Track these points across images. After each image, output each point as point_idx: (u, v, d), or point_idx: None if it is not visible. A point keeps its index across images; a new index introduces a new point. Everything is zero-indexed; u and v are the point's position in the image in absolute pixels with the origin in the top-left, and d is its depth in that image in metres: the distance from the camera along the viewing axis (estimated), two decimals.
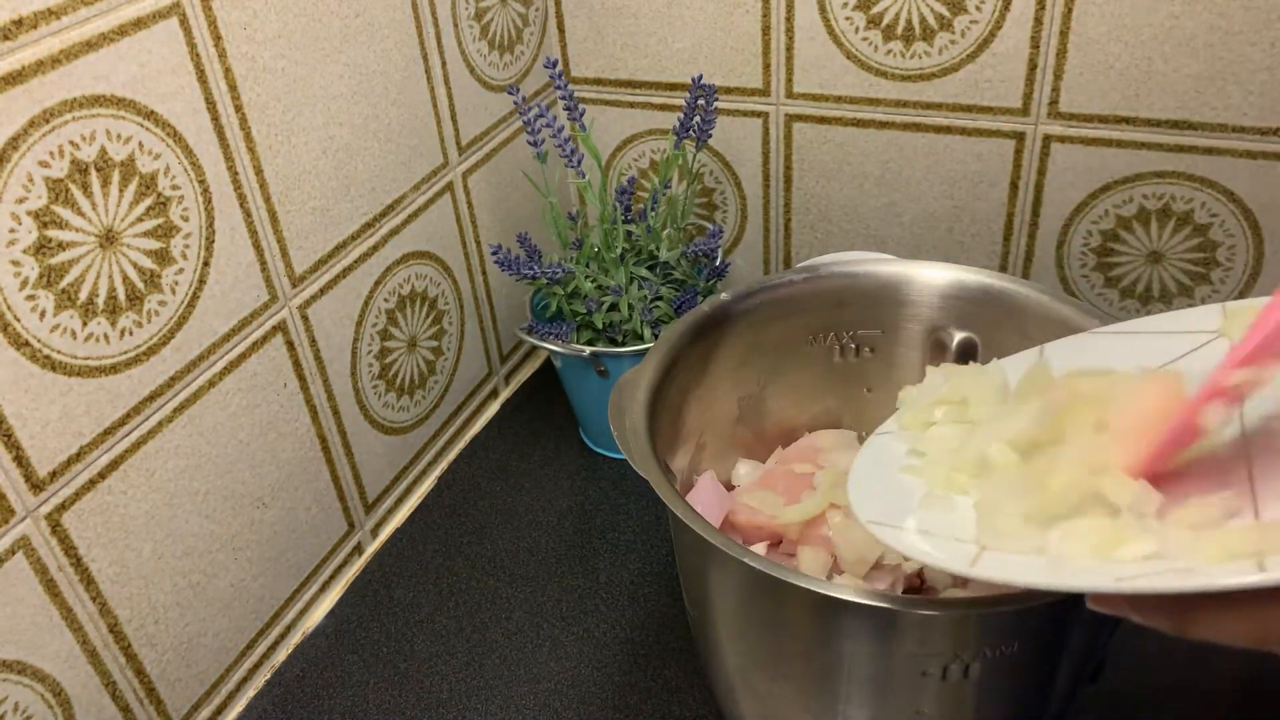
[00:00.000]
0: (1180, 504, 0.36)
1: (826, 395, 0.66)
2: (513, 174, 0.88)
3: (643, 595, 0.71)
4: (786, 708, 0.52)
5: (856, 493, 0.46)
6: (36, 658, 0.53)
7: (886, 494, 0.46)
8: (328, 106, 0.66)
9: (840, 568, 0.58)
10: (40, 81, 0.48)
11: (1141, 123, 0.75)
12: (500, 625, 0.69)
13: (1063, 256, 0.82)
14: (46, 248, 0.49)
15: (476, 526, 0.78)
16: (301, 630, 0.71)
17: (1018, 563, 0.37)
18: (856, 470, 0.48)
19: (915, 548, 0.40)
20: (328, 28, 0.65)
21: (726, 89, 0.85)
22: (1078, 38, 0.73)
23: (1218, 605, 0.33)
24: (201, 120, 0.57)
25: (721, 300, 0.61)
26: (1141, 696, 0.60)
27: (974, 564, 0.37)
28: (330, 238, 0.68)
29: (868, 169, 0.85)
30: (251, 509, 0.65)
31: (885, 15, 0.77)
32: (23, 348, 0.49)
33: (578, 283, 0.78)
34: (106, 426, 0.54)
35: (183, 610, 0.61)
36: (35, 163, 0.48)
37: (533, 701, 0.64)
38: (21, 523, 0.51)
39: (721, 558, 0.47)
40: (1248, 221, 0.76)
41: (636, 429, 0.53)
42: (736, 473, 0.65)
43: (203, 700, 0.64)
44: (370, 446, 0.76)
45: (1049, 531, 0.38)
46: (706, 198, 0.92)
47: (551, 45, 0.89)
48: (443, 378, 0.83)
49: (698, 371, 0.61)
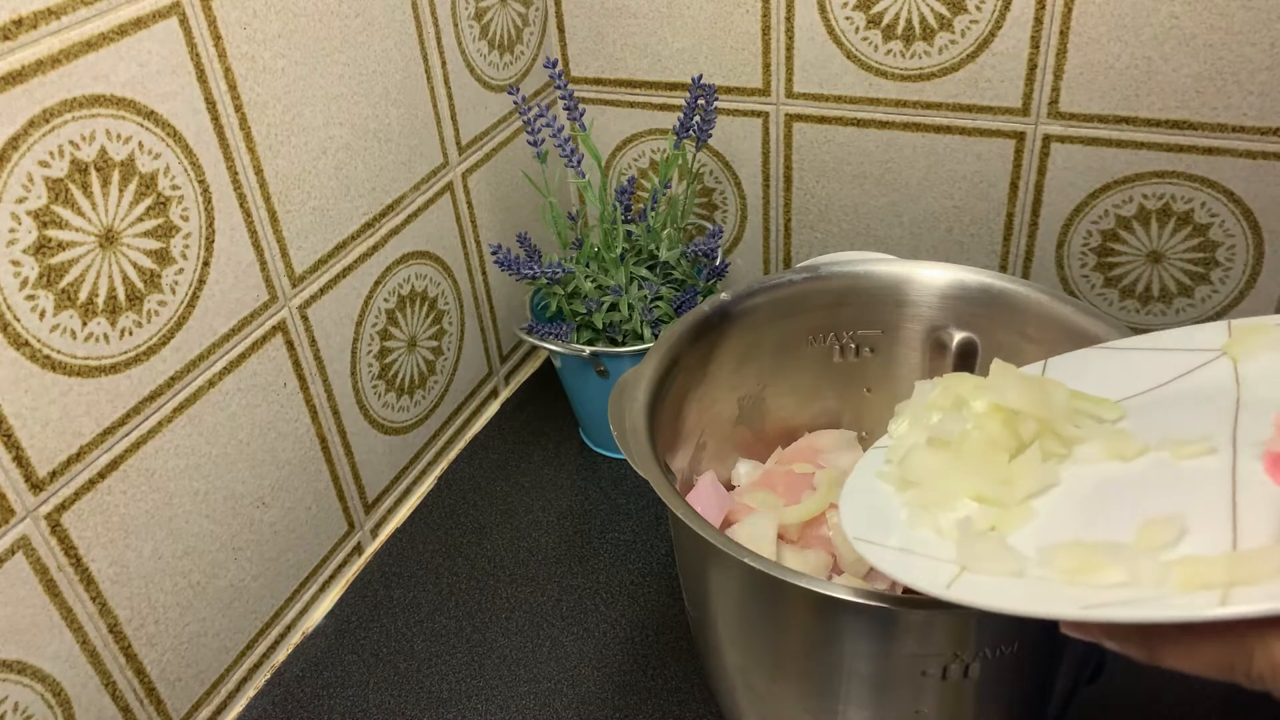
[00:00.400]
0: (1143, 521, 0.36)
1: (826, 395, 0.66)
2: (513, 174, 0.88)
3: (643, 595, 0.71)
4: (786, 708, 0.52)
5: (847, 507, 0.47)
6: (36, 658, 0.53)
7: (874, 510, 0.46)
8: (328, 106, 0.66)
9: (840, 568, 0.58)
10: (40, 81, 0.48)
11: (1141, 123, 0.75)
12: (500, 625, 0.69)
13: (1063, 256, 0.82)
14: (46, 248, 0.49)
15: (476, 526, 0.78)
16: (301, 630, 0.71)
17: (993, 586, 0.37)
18: (850, 485, 0.49)
19: (895, 566, 0.40)
20: (328, 27, 0.65)
21: (726, 89, 0.85)
22: (1078, 38, 0.73)
23: (1187, 635, 0.33)
24: (201, 120, 0.57)
25: (721, 300, 0.61)
26: (1141, 697, 0.60)
27: (950, 586, 0.37)
28: (330, 238, 0.68)
29: (868, 169, 0.85)
30: (251, 509, 0.65)
31: (885, 15, 0.77)
32: (23, 348, 0.49)
33: (578, 283, 0.78)
34: (106, 426, 0.54)
35: (183, 610, 0.61)
36: (35, 163, 0.48)
37: (533, 701, 0.64)
38: (21, 523, 0.51)
39: (721, 558, 0.47)
40: (1248, 221, 0.76)
41: (636, 429, 0.53)
42: (736, 473, 0.65)
43: (203, 700, 0.64)
44: (370, 446, 0.76)
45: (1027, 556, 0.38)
46: (706, 198, 0.92)
47: (551, 45, 0.89)
48: (443, 378, 0.83)
49: (698, 371, 0.61)
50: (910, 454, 0.46)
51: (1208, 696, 0.60)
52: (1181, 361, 0.46)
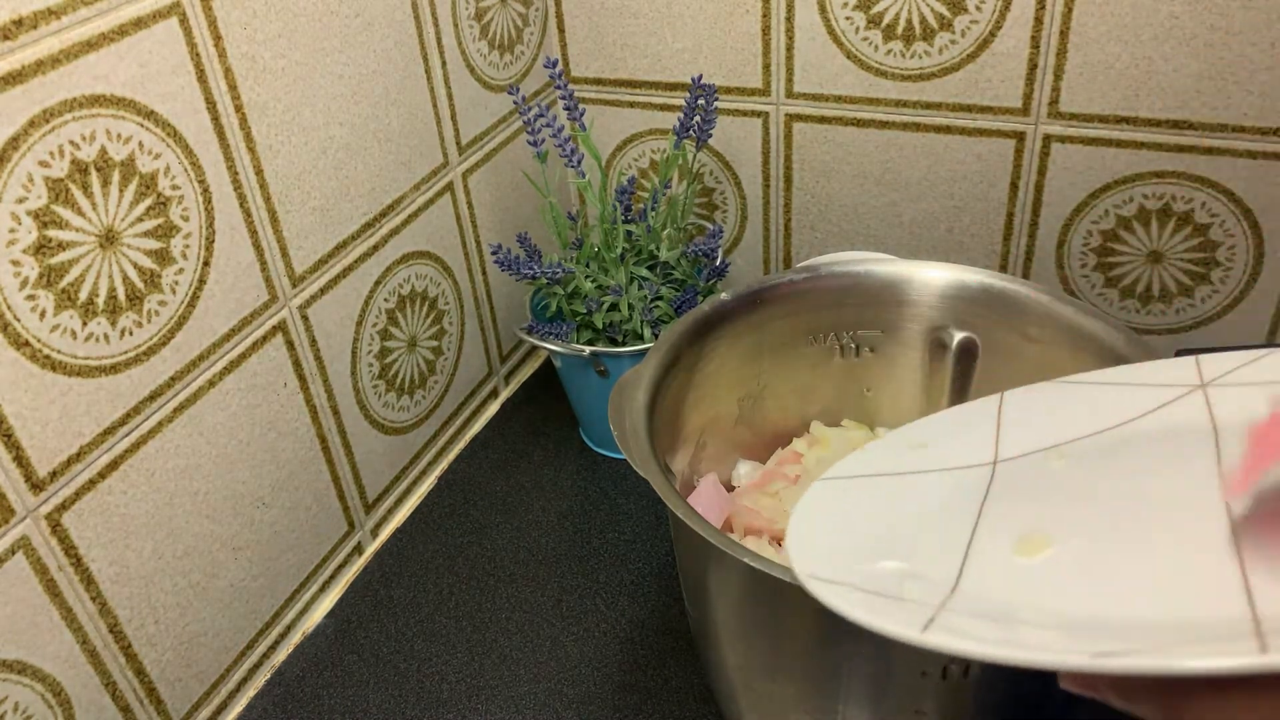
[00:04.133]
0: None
1: (826, 395, 0.66)
2: (513, 174, 0.88)
3: (643, 595, 0.71)
4: (786, 708, 0.52)
5: (797, 544, 0.43)
6: (36, 658, 0.53)
7: (836, 544, 0.43)
8: (328, 106, 0.66)
9: None
10: (40, 81, 0.48)
11: (1141, 123, 0.75)
12: (500, 625, 0.69)
13: (1063, 256, 0.82)
14: (46, 248, 0.49)
15: (476, 526, 0.78)
16: (301, 630, 0.71)
17: (979, 630, 0.33)
18: (797, 520, 0.45)
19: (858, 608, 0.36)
20: (328, 27, 0.65)
21: (726, 89, 0.85)
22: (1078, 38, 0.73)
23: (1214, 690, 0.28)
24: (201, 120, 0.57)
25: (721, 300, 0.61)
26: None
27: (926, 629, 0.33)
28: (330, 238, 0.68)
29: (868, 169, 0.85)
30: (251, 509, 0.65)
31: (885, 15, 0.77)
32: (23, 348, 0.49)
33: (578, 283, 0.78)
34: (106, 426, 0.54)
35: (183, 610, 0.61)
36: (35, 163, 0.48)
37: (533, 701, 0.64)
38: (21, 523, 0.51)
39: (722, 558, 0.47)
40: (1248, 221, 0.76)
41: (636, 429, 0.53)
42: (736, 473, 0.65)
43: (203, 700, 0.64)
44: (370, 446, 0.76)
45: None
46: (706, 198, 0.92)
47: (551, 45, 0.89)
48: (443, 378, 0.83)
49: (698, 372, 0.61)
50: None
51: None
52: (1151, 397, 0.44)
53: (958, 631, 0.33)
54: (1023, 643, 0.32)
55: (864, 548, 0.42)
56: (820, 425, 0.66)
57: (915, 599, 0.36)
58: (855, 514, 0.46)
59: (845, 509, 0.46)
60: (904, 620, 0.34)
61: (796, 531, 0.44)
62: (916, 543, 0.42)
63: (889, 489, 0.47)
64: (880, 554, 0.41)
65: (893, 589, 0.38)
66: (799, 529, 0.44)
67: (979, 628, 0.34)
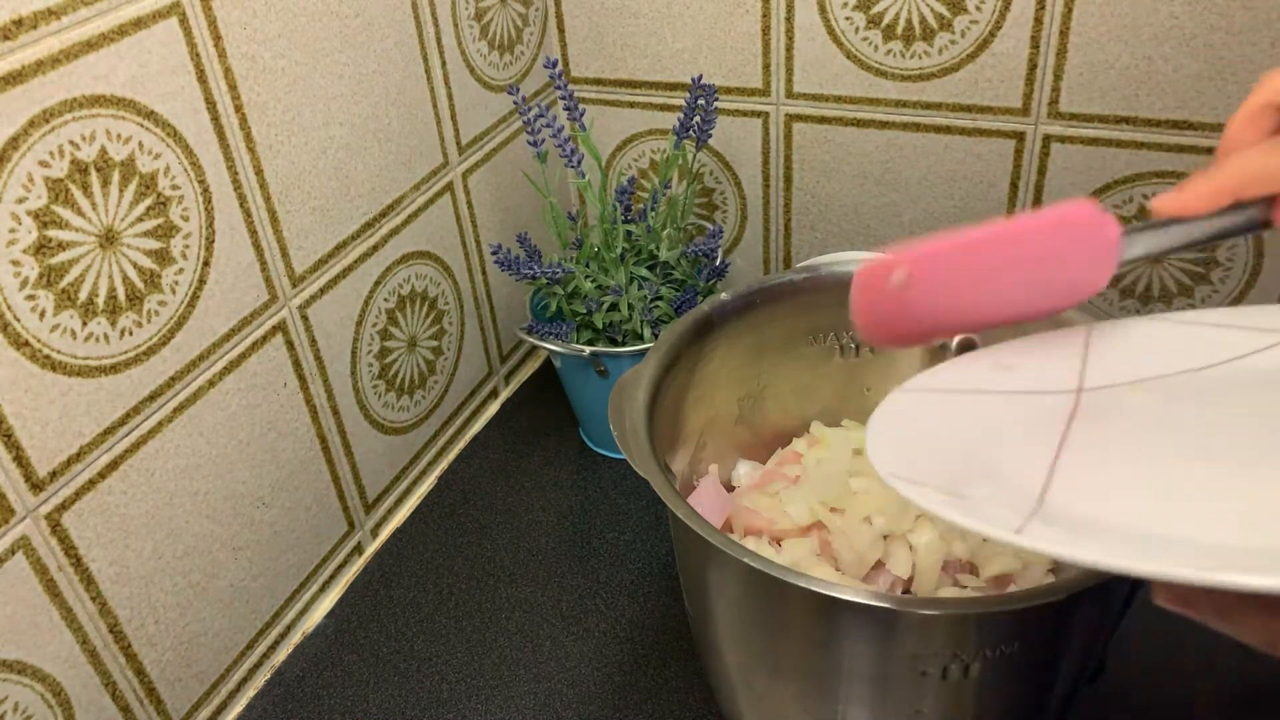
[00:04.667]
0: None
1: (826, 395, 0.66)
2: (513, 174, 0.88)
3: (643, 595, 0.71)
4: (786, 708, 0.52)
5: (875, 445, 0.42)
6: (36, 658, 0.53)
7: (916, 450, 0.42)
8: (328, 106, 0.66)
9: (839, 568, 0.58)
10: (40, 81, 0.48)
11: (1141, 123, 0.75)
12: (500, 625, 0.69)
13: None
14: (46, 248, 0.49)
15: (476, 526, 0.78)
16: (301, 630, 0.71)
17: (1072, 539, 0.32)
18: (875, 425, 0.45)
19: (945, 508, 0.35)
20: (328, 28, 0.65)
21: (726, 89, 0.85)
22: (1078, 38, 0.73)
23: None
24: (201, 120, 0.57)
25: (721, 300, 0.61)
26: (1141, 697, 0.60)
27: (1019, 533, 0.32)
28: (330, 238, 0.68)
29: (868, 169, 0.85)
30: (251, 509, 0.65)
31: (885, 15, 0.77)
32: (23, 348, 0.49)
33: (578, 283, 0.78)
34: (106, 426, 0.54)
35: (183, 610, 0.61)
36: (35, 163, 0.48)
37: (533, 701, 0.64)
38: (21, 523, 0.51)
39: (722, 558, 0.47)
40: None
41: (636, 429, 0.53)
42: (736, 473, 0.65)
43: (203, 700, 0.64)
44: (370, 446, 0.76)
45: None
46: (706, 198, 0.92)
47: (551, 45, 0.89)
48: (443, 378, 0.83)
49: (698, 371, 0.61)
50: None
51: (1208, 696, 0.60)
52: (1243, 341, 0.43)
53: (1052, 539, 0.32)
54: (1120, 552, 0.30)
55: (944, 455, 0.41)
56: (820, 425, 0.66)
57: (1001, 507, 0.35)
58: (935, 424, 0.45)
59: (924, 418, 0.46)
60: (997, 522, 0.33)
61: (875, 434, 0.44)
62: (1000, 457, 0.41)
63: (968, 404, 0.46)
64: (961, 463, 0.40)
65: (975, 495, 0.37)
66: (878, 432, 0.44)
67: (1071, 538, 0.32)
